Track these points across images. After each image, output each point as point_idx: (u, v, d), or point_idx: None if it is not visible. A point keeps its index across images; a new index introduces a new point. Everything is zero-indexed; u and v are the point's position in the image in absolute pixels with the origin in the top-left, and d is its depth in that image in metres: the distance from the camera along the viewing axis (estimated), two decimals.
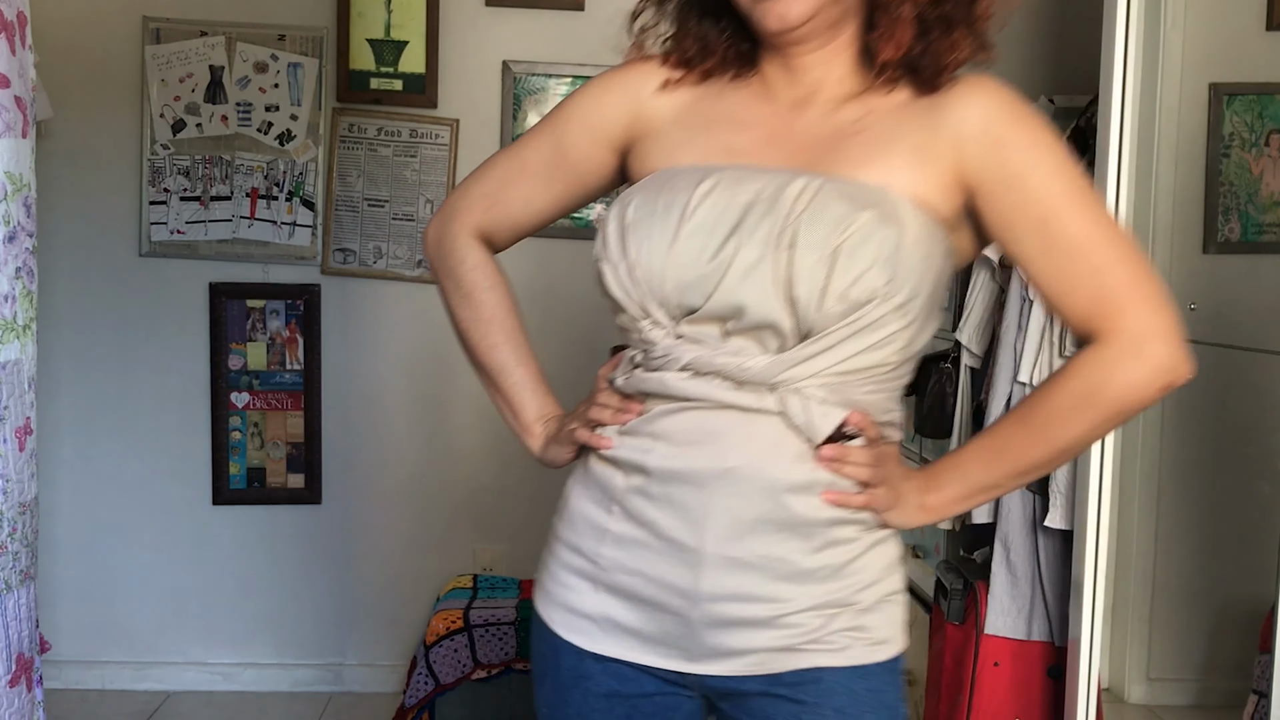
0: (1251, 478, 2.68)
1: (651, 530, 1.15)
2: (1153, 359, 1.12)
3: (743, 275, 1.09)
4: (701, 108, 1.22)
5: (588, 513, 1.21)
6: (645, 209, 1.14)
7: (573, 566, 1.22)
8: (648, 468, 1.15)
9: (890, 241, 1.08)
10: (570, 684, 1.22)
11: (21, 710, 1.71)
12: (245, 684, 3.37)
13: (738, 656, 1.15)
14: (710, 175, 1.13)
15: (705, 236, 1.10)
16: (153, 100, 3.21)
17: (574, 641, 1.21)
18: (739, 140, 1.18)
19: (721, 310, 1.11)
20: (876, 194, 1.10)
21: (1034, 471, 1.21)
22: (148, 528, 3.33)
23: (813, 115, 1.18)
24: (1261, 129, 2.31)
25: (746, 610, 1.13)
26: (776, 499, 1.12)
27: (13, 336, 1.68)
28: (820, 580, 1.14)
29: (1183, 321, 1.12)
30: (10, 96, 1.64)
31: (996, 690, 2.59)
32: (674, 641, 1.16)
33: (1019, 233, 1.14)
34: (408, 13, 3.23)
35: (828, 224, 1.08)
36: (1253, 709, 2.21)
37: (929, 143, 1.13)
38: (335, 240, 3.28)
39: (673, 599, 1.15)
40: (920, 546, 3.15)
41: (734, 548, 1.12)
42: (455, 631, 2.86)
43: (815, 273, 1.07)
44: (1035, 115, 1.14)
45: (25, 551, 1.74)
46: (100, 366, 3.29)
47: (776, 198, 1.10)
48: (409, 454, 3.36)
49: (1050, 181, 1.12)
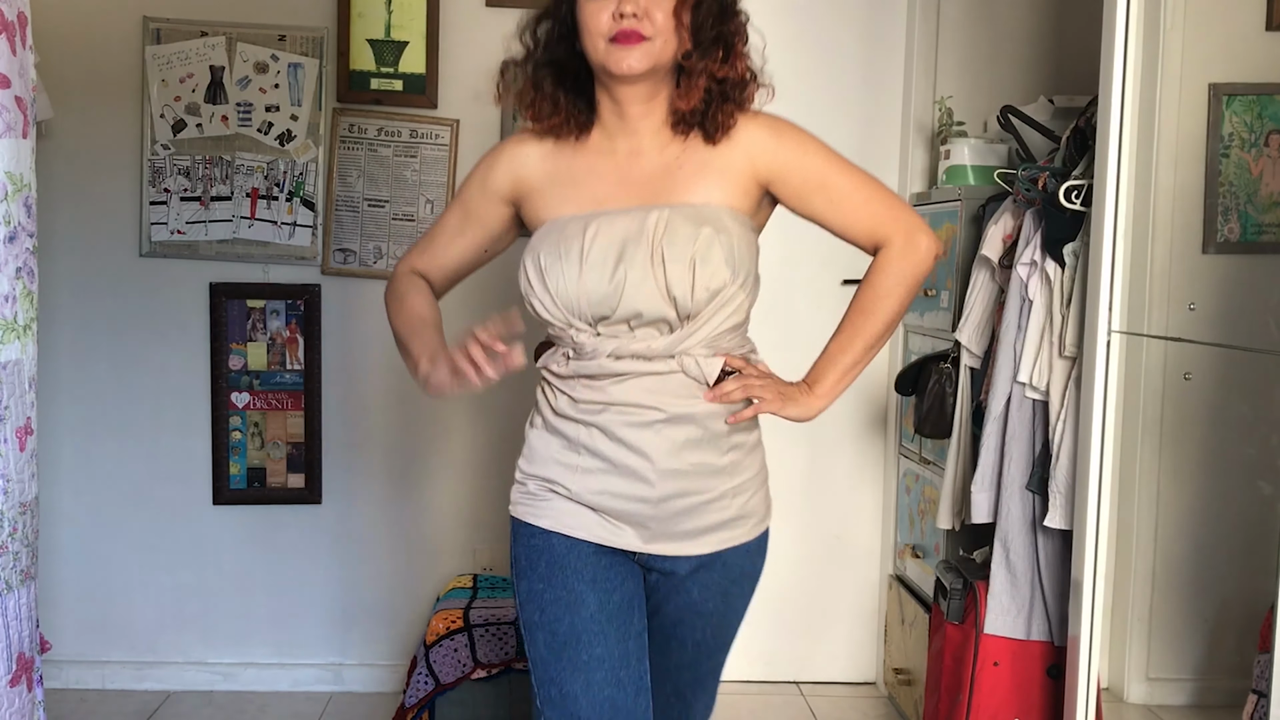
0: (1251, 478, 2.67)
1: (611, 462, 1.65)
2: (922, 244, 1.73)
3: (635, 290, 1.60)
4: (564, 168, 1.70)
5: (557, 456, 1.70)
6: (552, 255, 1.62)
7: (549, 492, 1.70)
8: (602, 422, 1.65)
9: (727, 244, 1.61)
10: (564, 555, 1.68)
11: (22, 710, 1.71)
12: (245, 684, 3.37)
13: (676, 541, 1.68)
14: (591, 222, 1.63)
15: (600, 268, 1.60)
16: (153, 100, 3.21)
17: (564, 532, 1.68)
18: (599, 190, 1.67)
19: (626, 316, 1.62)
20: (706, 211, 1.63)
21: (877, 343, 1.75)
22: (148, 528, 3.34)
23: (645, 161, 1.68)
24: (1261, 129, 2.31)
25: (688, 501, 1.67)
26: (695, 424, 1.66)
27: (13, 336, 1.68)
28: (730, 474, 1.71)
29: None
30: (10, 96, 1.64)
31: (996, 690, 2.59)
32: (632, 534, 1.68)
33: (809, 198, 1.72)
34: (408, 13, 3.23)
35: (682, 242, 1.59)
36: (1252, 709, 2.21)
37: (729, 164, 1.67)
38: (335, 240, 3.28)
39: (635, 505, 1.66)
40: (920, 546, 3.15)
41: (674, 461, 1.65)
42: (455, 631, 2.86)
43: (683, 278, 1.59)
44: (794, 124, 1.72)
45: (26, 551, 1.74)
46: (100, 366, 3.29)
47: (641, 230, 1.60)
48: (409, 454, 3.36)
49: (818, 160, 1.70)
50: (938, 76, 3.33)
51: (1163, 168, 2.47)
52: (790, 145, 1.69)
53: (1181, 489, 2.86)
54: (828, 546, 3.51)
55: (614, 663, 1.65)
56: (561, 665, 1.65)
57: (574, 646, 1.65)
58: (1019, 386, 2.54)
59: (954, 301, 2.91)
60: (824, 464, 3.49)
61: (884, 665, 3.44)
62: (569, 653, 1.65)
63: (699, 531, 1.69)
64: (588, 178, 1.68)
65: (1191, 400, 2.72)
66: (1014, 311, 2.55)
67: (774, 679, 3.53)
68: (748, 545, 1.75)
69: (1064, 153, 2.54)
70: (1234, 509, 2.81)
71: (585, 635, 1.65)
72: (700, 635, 1.77)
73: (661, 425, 1.64)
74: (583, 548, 1.68)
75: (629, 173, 1.68)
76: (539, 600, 1.68)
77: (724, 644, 1.82)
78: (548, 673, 1.66)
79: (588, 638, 1.65)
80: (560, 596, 1.67)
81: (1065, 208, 2.42)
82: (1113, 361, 2.35)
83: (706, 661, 1.81)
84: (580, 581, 1.67)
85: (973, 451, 2.73)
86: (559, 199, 1.69)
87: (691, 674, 1.80)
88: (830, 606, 3.53)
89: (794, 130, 1.71)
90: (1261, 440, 2.54)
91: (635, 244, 1.60)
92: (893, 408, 3.44)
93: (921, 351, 3.12)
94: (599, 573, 1.68)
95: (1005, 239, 2.65)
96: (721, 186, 1.66)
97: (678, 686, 1.80)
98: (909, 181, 3.35)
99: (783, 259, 3.45)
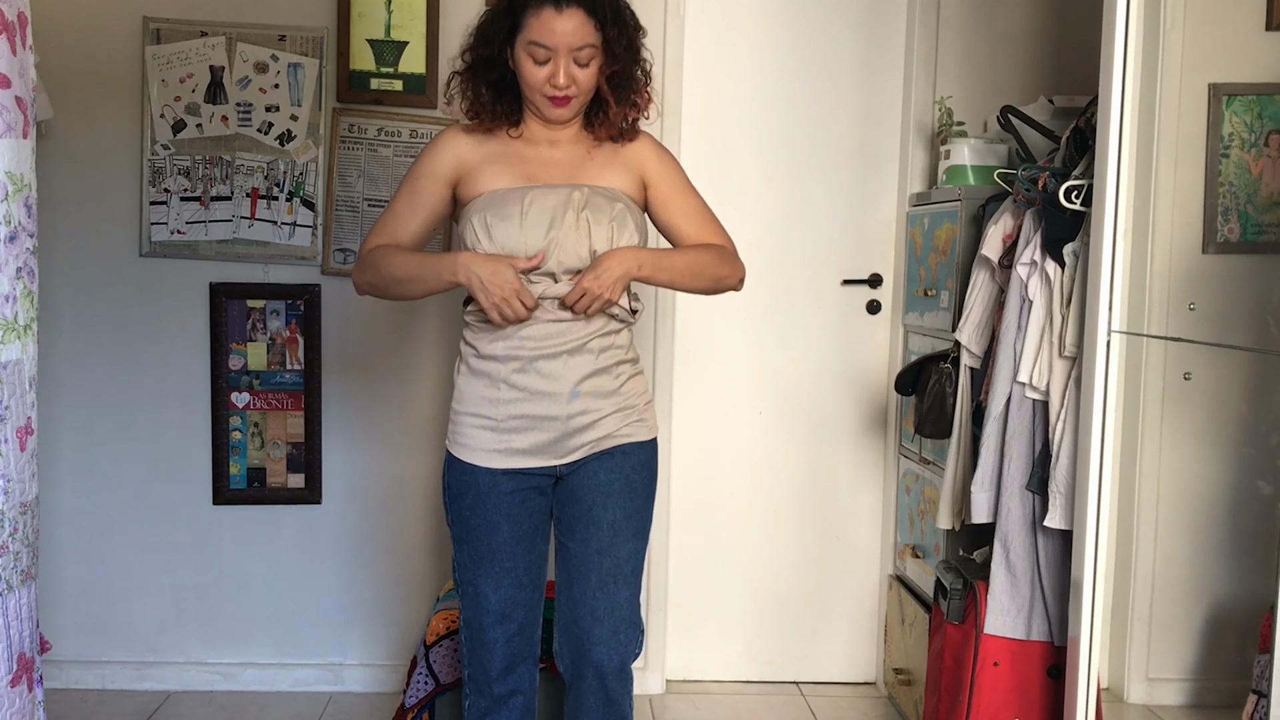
0: (1251, 478, 2.67)
1: (528, 391, 2.11)
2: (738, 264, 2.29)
3: (563, 246, 2.08)
4: (497, 151, 2.17)
5: (482, 393, 2.14)
6: (496, 217, 2.09)
7: (478, 425, 2.14)
8: (522, 355, 2.10)
9: (635, 216, 2.16)
10: (487, 492, 2.15)
11: (22, 710, 1.71)
12: (245, 684, 3.37)
13: (583, 447, 2.14)
14: (528, 193, 2.11)
15: (536, 228, 2.08)
16: (153, 100, 3.21)
17: (487, 465, 2.14)
18: (528, 169, 2.16)
19: (554, 268, 2.09)
20: (614, 193, 2.16)
21: (676, 275, 2.19)
22: (148, 528, 3.34)
23: (560, 152, 2.19)
24: (1261, 129, 2.31)
25: (588, 418, 2.13)
26: (594, 356, 2.13)
27: (13, 336, 1.68)
28: (620, 395, 2.17)
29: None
30: (10, 96, 1.64)
31: (996, 690, 2.59)
32: (547, 451, 2.13)
33: (666, 205, 2.25)
34: (408, 13, 3.23)
35: (603, 211, 2.11)
36: (1252, 709, 2.21)
37: (627, 164, 2.22)
38: (335, 240, 3.28)
39: (547, 424, 2.12)
40: (920, 546, 3.15)
41: (579, 386, 2.12)
42: (455, 631, 2.86)
43: (605, 238, 2.10)
44: (668, 151, 2.28)
45: (26, 551, 1.74)
46: (100, 366, 3.29)
47: (568, 201, 2.10)
48: (409, 454, 3.36)
49: (676, 182, 2.26)
50: (938, 76, 3.33)
51: (1163, 168, 2.47)
52: (665, 165, 2.26)
53: (1181, 489, 2.86)
54: (828, 546, 3.51)
55: (519, 572, 2.18)
56: (479, 572, 2.18)
57: (489, 561, 2.17)
58: (1019, 386, 2.54)
59: (954, 301, 2.91)
60: (824, 464, 3.49)
61: (884, 665, 3.44)
62: (485, 565, 2.17)
63: (598, 440, 2.15)
64: (518, 160, 2.17)
65: (1191, 400, 2.72)
66: (1014, 311, 2.55)
67: (774, 679, 3.53)
68: (640, 443, 2.20)
69: (1064, 153, 2.54)
70: (1234, 509, 2.81)
71: (499, 554, 2.16)
72: (613, 516, 2.17)
73: (567, 356, 2.10)
74: (501, 485, 2.14)
75: (550, 158, 2.18)
76: (466, 523, 2.18)
77: (636, 531, 2.20)
78: (468, 576, 2.20)
79: (500, 555, 2.16)
80: (481, 523, 2.16)
81: (1065, 208, 2.42)
82: (1113, 361, 2.35)
83: (623, 546, 2.18)
84: (497, 514, 2.15)
85: (973, 451, 2.73)
86: (494, 175, 2.15)
87: (611, 559, 2.17)
88: (830, 607, 3.53)
89: (668, 154, 2.29)
90: (1261, 440, 2.54)
91: (564, 212, 2.09)
92: (893, 408, 3.44)
93: (921, 351, 3.12)
94: (513, 508, 2.15)
95: (1005, 239, 2.65)
96: (623, 177, 2.20)
97: (601, 575, 2.17)
98: (909, 181, 3.35)
99: (783, 259, 3.45)
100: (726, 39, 3.38)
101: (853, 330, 3.47)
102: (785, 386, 3.47)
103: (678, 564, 3.45)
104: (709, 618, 3.52)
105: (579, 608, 2.17)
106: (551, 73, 2.08)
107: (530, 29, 2.08)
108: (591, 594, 2.17)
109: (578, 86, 2.11)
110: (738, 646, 3.54)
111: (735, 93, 3.39)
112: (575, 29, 2.07)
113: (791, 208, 3.43)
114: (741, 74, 3.39)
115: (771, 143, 3.41)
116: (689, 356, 3.42)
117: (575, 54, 2.09)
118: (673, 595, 3.46)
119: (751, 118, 3.40)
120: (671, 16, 3.27)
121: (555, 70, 2.08)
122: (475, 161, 2.17)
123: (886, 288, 3.45)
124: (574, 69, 2.09)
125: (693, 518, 3.46)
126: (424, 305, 3.30)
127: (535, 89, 2.11)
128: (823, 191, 3.43)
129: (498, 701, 2.23)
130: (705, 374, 3.44)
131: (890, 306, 3.45)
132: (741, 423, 3.47)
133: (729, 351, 3.45)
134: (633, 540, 2.20)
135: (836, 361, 3.47)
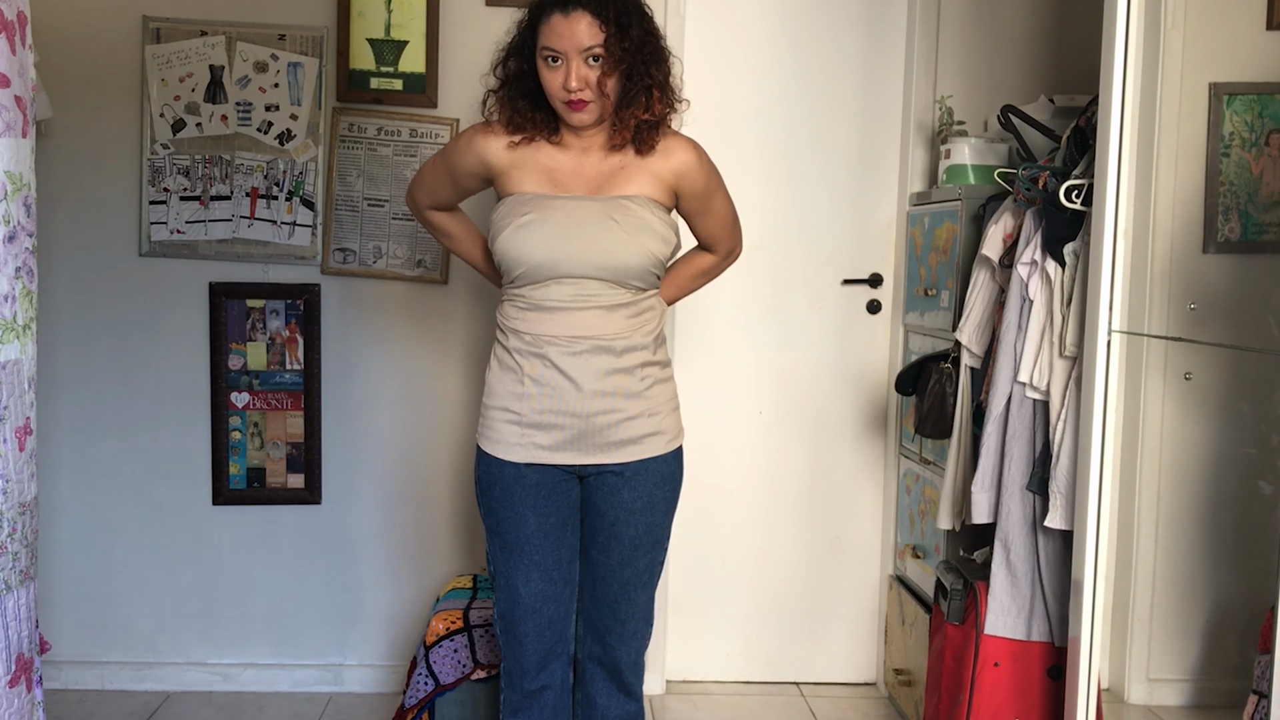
0: (1251, 478, 2.67)
1: (551, 386, 2.16)
2: (737, 259, 2.50)
3: (586, 251, 2.13)
4: (529, 156, 2.22)
5: (509, 388, 2.19)
6: (524, 219, 2.14)
7: (505, 420, 2.19)
8: (546, 353, 2.15)
9: (659, 228, 2.18)
10: (512, 484, 2.20)
11: (21, 710, 1.71)
12: (245, 684, 3.37)
13: (605, 451, 2.18)
14: (556, 199, 2.16)
15: (554, 236, 2.14)
16: (153, 100, 3.21)
17: (512, 459, 2.19)
18: (558, 177, 2.20)
19: (577, 271, 2.14)
20: (641, 200, 2.18)
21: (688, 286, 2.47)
22: (148, 528, 3.33)
23: (591, 160, 2.21)
24: (1261, 129, 2.31)
25: (611, 418, 2.17)
26: (616, 355, 2.16)
27: (13, 336, 1.68)
28: (643, 396, 2.20)
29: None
30: (10, 96, 1.64)
31: (996, 690, 2.59)
32: (569, 447, 2.18)
33: (699, 214, 2.32)
34: (408, 13, 3.23)
35: (626, 219, 2.15)
36: (1252, 709, 2.20)
37: (657, 172, 2.21)
38: (335, 240, 3.28)
39: (569, 419, 2.16)
40: (920, 546, 3.15)
41: (600, 384, 2.15)
42: (455, 631, 2.86)
43: (627, 248, 2.14)
44: (707, 157, 2.28)
45: (25, 551, 1.74)
46: (100, 366, 3.29)
47: (594, 209, 2.15)
48: (409, 454, 3.36)
49: (705, 199, 2.29)
50: (938, 76, 3.33)
51: (1163, 167, 2.47)
52: (703, 172, 2.27)
53: (1181, 489, 2.86)
54: (828, 547, 3.51)
55: (547, 565, 2.23)
56: (510, 564, 2.23)
57: (518, 553, 2.22)
58: (1019, 386, 2.54)
59: (954, 301, 2.91)
60: (824, 464, 3.49)
61: (884, 666, 3.44)
62: (514, 557, 2.22)
63: (621, 444, 2.19)
64: (549, 166, 2.21)
65: (1191, 400, 2.71)
66: (1014, 311, 2.55)
67: (774, 679, 3.53)
68: (664, 457, 2.24)
69: (1064, 152, 2.53)
70: (1234, 509, 2.81)
71: (527, 546, 2.22)
72: (634, 532, 2.24)
73: (589, 354, 2.15)
74: (526, 478, 2.19)
75: (581, 167, 2.20)
76: (495, 515, 2.23)
77: (655, 542, 2.28)
78: (500, 568, 2.25)
79: (529, 548, 2.22)
80: (509, 516, 2.21)
81: (1066, 207, 2.42)
82: (1113, 361, 2.35)
83: (643, 557, 2.27)
84: (524, 505, 2.20)
85: (973, 451, 2.73)
86: (522, 179, 2.20)
87: (632, 569, 2.26)
88: (830, 607, 3.53)
89: (707, 160, 2.28)
90: (1261, 440, 2.54)
91: (589, 221, 2.14)
92: (893, 408, 3.44)
93: (921, 351, 3.12)
94: (539, 500, 2.20)
95: (1005, 238, 2.65)
96: (650, 187, 2.21)
97: (622, 583, 2.27)
98: (909, 181, 3.35)
99: (783, 258, 3.45)
100: (726, 39, 3.38)
101: (853, 330, 3.46)
102: (785, 386, 3.47)
103: (678, 564, 3.45)
104: (709, 618, 3.51)
105: (600, 607, 2.29)
106: (565, 77, 2.11)
107: (543, 36, 2.12)
108: (614, 599, 2.28)
109: (591, 90, 2.12)
110: (738, 647, 3.54)
111: (735, 92, 3.39)
112: (582, 31, 2.09)
113: (791, 207, 3.43)
114: (741, 74, 3.39)
115: (771, 142, 3.41)
116: (689, 356, 3.42)
117: (586, 56, 2.11)
118: (673, 595, 3.46)
119: (751, 117, 3.40)
120: (671, 16, 3.27)
121: (568, 74, 2.10)
122: (504, 164, 2.22)
123: (887, 287, 3.45)
124: (585, 71, 2.11)
125: (693, 518, 3.45)
126: (424, 305, 3.30)
127: (554, 95, 2.14)
128: (823, 191, 3.43)
129: (529, 697, 2.29)
130: (705, 374, 3.44)
131: (890, 306, 3.45)
132: (741, 423, 3.47)
133: (729, 351, 3.45)
134: (652, 550, 2.28)
135: (837, 361, 3.47)
